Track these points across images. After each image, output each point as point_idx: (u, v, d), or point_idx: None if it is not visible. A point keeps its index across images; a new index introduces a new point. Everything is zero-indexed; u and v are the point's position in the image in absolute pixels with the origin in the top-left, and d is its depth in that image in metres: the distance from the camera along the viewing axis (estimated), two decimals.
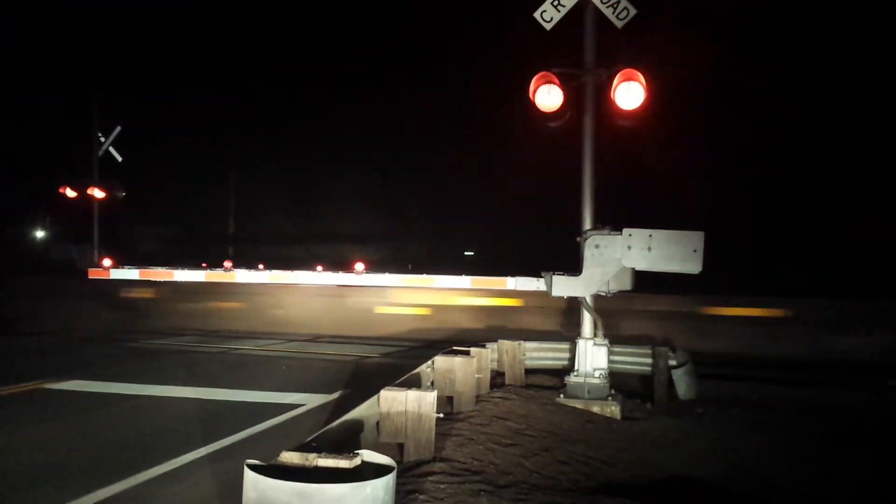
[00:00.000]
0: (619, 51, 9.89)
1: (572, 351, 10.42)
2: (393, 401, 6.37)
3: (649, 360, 10.81)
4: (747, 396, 11.22)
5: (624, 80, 9.31)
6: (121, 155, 25.46)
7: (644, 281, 10.02)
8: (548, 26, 9.72)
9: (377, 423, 6.38)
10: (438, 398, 6.77)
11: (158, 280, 15.87)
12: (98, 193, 24.65)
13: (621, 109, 9.41)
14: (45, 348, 15.67)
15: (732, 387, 11.76)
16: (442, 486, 5.63)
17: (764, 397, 11.21)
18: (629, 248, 9.35)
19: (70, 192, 24.39)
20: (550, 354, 11.49)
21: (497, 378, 10.88)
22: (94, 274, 14.47)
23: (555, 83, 9.51)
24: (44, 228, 42.11)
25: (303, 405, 9.89)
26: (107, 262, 14.72)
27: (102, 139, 25.18)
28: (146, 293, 20.38)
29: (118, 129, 25.39)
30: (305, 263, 21.10)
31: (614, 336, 10.50)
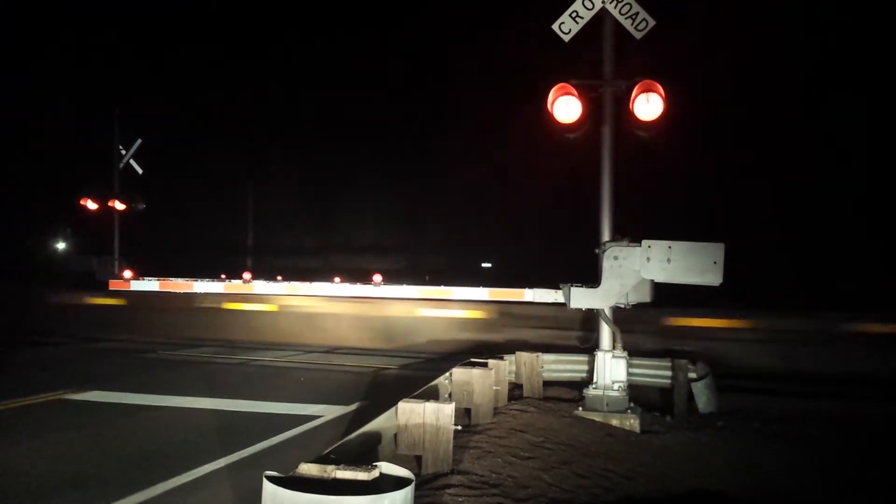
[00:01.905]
0: (637, 62, 9.86)
1: (591, 363, 10.36)
2: (411, 413, 6.35)
3: (669, 373, 10.71)
4: (767, 409, 11.10)
5: (643, 91, 9.28)
6: (141, 167, 25.70)
7: None
8: (566, 38, 9.72)
9: (395, 435, 6.37)
10: (456, 410, 6.75)
11: (178, 291, 15.95)
12: (119, 205, 24.88)
13: (640, 120, 9.37)
14: (65, 359, 15.78)
15: (752, 400, 11.63)
16: (460, 499, 5.60)
17: (784, 410, 11.08)
18: (648, 259, 9.29)
19: (91, 205, 24.62)
20: (569, 367, 11.41)
21: (515, 390, 10.83)
22: (114, 285, 14.58)
23: (573, 94, 9.49)
24: (64, 240, 42.56)
25: (321, 416, 9.89)
26: (127, 273, 14.82)
27: (123, 151, 25.44)
28: (165, 304, 20.46)
29: (139, 141, 25.63)
30: (323, 274, 21.16)
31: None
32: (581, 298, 9.71)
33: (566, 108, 9.52)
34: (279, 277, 17.85)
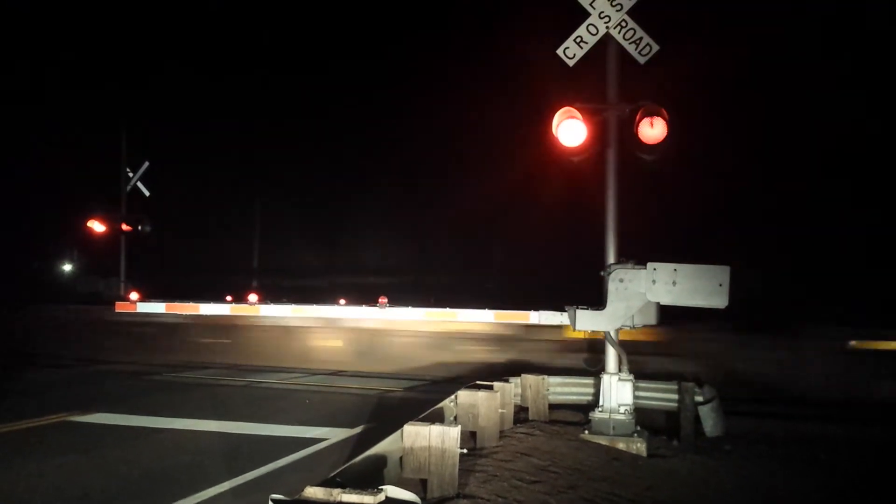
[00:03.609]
0: (641, 85, 9.93)
1: (597, 386, 10.32)
2: (416, 436, 6.34)
3: (675, 396, 10.64)
4: (775, 433, 11.03)
5: (647, 115, 9.33)
6: (148, 189, 25.88)
7: None
8: (570, 63, 9.80)
9: (400, 458, 6.35)
10: (461, 433, 6.73)
11: (183, 313, 16.00)
12: (125, 227, 24.99)
13: (645, 143, 9.42)
14: (70, 381, 15.78)
15: (760, 423, 11.56)
16: None
17: (792, 434, 11.02)
18: (654, 282, 9.28)
19: (98, 226, 24.73)
20: (575, 389, 11.36)
21: (520, 413, 10.79)
22: (121, 307, 14.65)
23: (577, 118, 9.54)
24: (71, 262, 42.71)
25: (326, 439, 9.87)
26: (134, 295, 14.88)
27: (130, 174, 25.62)
28: (170, 326, 20.46)
29: (146, 164, 25.84)
30: (328, 296, 21.16)
31: None
32: (586, 321, 9.70)
33: (570, 131, 9.56)
34: (284, 300, 17.88)
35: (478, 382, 9.45)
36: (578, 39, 9.73)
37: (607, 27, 9.65)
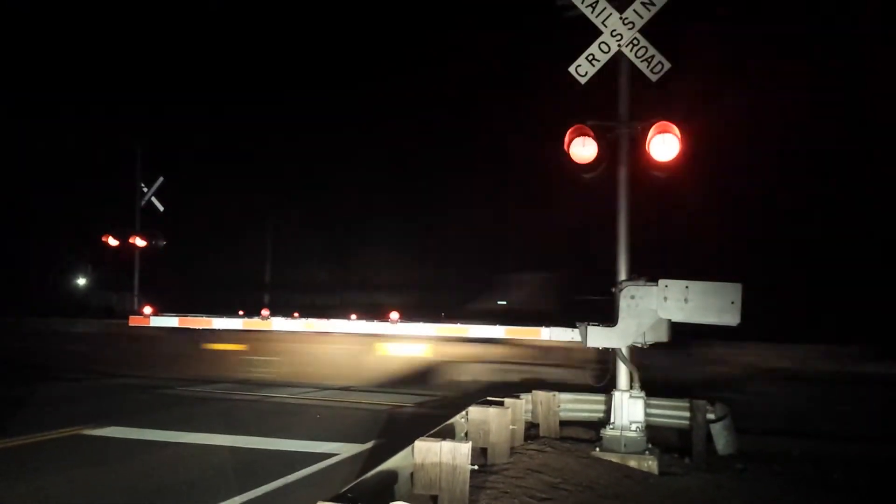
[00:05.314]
0: (653, 102, 9.95)
1: (608, 403, 10.28)
2: (427, 452, 6.34)
3: (687, 414, 10.60)
4: (788, 451, 10.94)
5: (659, 133, 9.36)
6: (162, 204, 26.06)
7: None
8: (583, 80, 9.82)
9: (411, 474, 6.35)
10: (472, 449, 6.73)
11: (197, 328, 16.04)
12: (139, 242, 25.17)
13: (656, 161, 9.44)
14: (84, 394, 15.86)
15: (773, 441, 11.47)
16: None
17: (805, 452, 10.92)
18: (665, 299, 9.26)
19: (112, 241, 24.91)
20: (586, 406, 11.31)
21: (531, 429, 10.77)
22: (134, 321, 14.70)
23: (589, 135, 9.59)
24: (85, 276, 42.99)
25: (337, 454, 9.87)
26: (147, 309, 14.95)
27: (145, 189, 25.81)
28: (182, 341, 20.50)
29: (160, 179, 26.03)
30: (340, 311, 21.17)
31: None
32: (597, 337, 9.67)
33: (582, 148, 9.61)
34: (296, 314, 17.90)
35: (489, 398, 9.44)
36: (590, 57, 9.76)
37: (619, 45, 9.67)
